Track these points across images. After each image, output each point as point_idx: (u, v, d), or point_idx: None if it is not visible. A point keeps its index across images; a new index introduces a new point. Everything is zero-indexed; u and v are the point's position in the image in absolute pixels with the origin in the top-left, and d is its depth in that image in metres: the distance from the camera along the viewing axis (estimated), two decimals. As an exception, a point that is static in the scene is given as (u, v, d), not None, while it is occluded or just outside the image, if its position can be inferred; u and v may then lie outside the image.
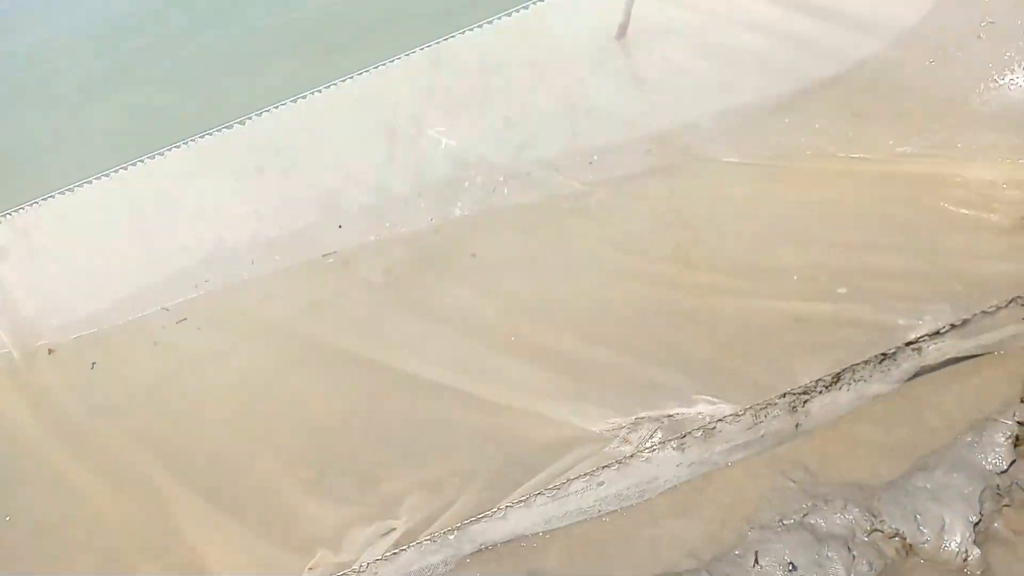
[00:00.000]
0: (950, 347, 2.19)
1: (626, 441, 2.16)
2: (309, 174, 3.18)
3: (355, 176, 3.20)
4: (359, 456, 2.37)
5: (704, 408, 2.20)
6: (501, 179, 3.23)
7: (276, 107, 3.06)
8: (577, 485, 2.10)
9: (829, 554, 1.73)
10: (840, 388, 2.13)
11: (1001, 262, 2.48)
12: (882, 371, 2.14)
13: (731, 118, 3.25)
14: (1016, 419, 1.89)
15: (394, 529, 2.13)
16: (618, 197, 3.13)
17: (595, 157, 3.23)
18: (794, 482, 1.98)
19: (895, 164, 2.95)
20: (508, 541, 2.07)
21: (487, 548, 2.06)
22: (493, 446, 2.28)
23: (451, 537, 2.09)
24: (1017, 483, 1.83)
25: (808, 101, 3.23)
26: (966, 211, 2.69)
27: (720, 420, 2.14)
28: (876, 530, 1.78)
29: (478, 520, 2.10)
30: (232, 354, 2.79)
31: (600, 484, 2.10)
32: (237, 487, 2.37)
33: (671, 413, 2.20)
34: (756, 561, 1.77)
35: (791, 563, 1.74)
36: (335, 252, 3.13)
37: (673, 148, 3.23)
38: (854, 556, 1.72)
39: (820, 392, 2.11)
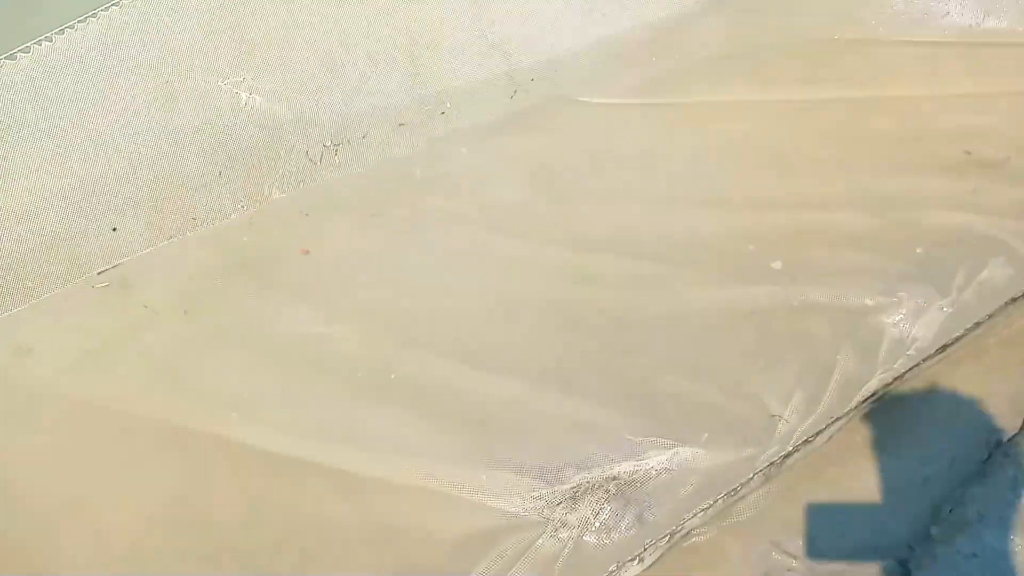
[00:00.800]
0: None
1: (564, 524, 1.61)
2: (57, 154, 2.27)
3: (126, 152, 2.33)
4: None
5: (657, 458, 1.68)
6: (328, 144, 2.48)
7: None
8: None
9: None
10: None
11: (957, 211, 2.10)
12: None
13: (603, 49, 2.64)
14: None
15: None
16: (481, 158, 2.49)
17: (447, 105, 2.55)
18: (795, 559, 1.52)
19: (805, 92, 2.49)
20: None
21: None
22: (381, 554, 1.65)
23: None
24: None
25: (690, 24, 2.68)
26: (902, 145, 2.28)
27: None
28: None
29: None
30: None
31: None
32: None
33: (614, 473, 1.67)
34: None
35: None
36: (111, 267, 2.29)
37: (539, 89, 2.60)
38: None
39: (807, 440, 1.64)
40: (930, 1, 2.55)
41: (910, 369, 1.79)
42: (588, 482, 1.65)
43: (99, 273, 2.28)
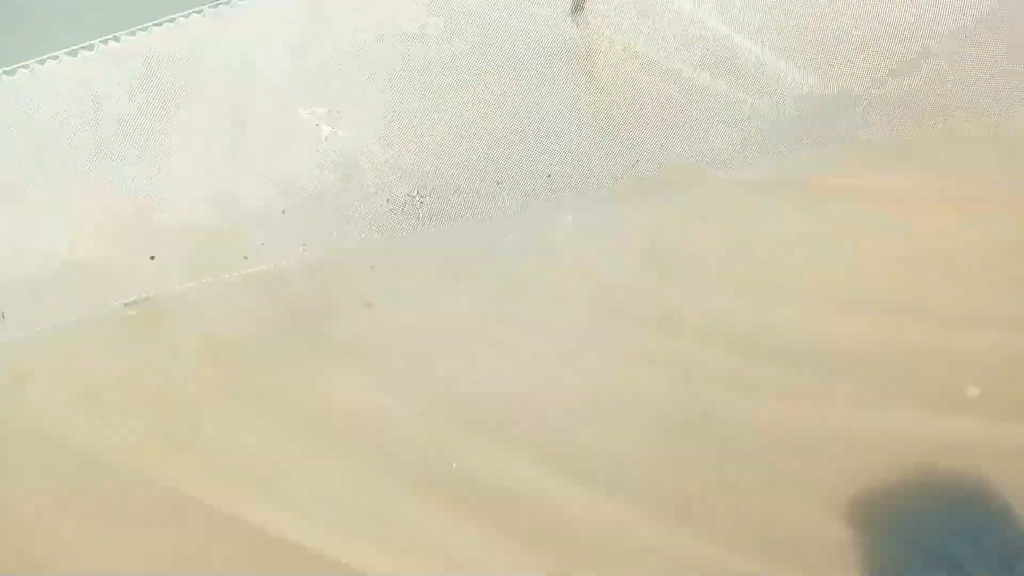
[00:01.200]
0: None
1: None
2: (100, 173, 1.98)
3: (179, 178, 2.02)
4: None
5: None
6: (415, 193, 2.12)
7: (42, 60, 1.86)
8: None
9: None
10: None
11: None
12: None
13: (744, 124, 2.26)
14: None
15: None
16: (589, 229, 2.09)
17: (555, 167, 2.18)
18: None
19: (1001, 192, 2.04)
20: None
21: None
22: None
23: None
24: None
25: (850, 108, 2.28)
26: None
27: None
28: None
29: None
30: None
31: None
32: None
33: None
34: None
35: None
36: (142, 299, 1.93)
37: (665, 159, 2.21)
38: None
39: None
40: None
41: None
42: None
43: (125, 304, 1.93)
